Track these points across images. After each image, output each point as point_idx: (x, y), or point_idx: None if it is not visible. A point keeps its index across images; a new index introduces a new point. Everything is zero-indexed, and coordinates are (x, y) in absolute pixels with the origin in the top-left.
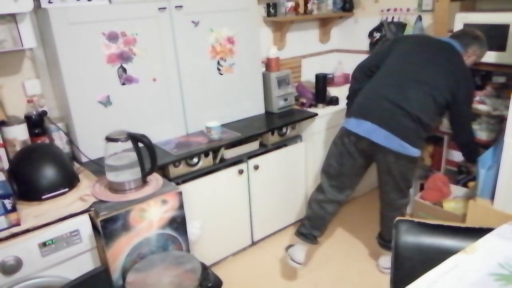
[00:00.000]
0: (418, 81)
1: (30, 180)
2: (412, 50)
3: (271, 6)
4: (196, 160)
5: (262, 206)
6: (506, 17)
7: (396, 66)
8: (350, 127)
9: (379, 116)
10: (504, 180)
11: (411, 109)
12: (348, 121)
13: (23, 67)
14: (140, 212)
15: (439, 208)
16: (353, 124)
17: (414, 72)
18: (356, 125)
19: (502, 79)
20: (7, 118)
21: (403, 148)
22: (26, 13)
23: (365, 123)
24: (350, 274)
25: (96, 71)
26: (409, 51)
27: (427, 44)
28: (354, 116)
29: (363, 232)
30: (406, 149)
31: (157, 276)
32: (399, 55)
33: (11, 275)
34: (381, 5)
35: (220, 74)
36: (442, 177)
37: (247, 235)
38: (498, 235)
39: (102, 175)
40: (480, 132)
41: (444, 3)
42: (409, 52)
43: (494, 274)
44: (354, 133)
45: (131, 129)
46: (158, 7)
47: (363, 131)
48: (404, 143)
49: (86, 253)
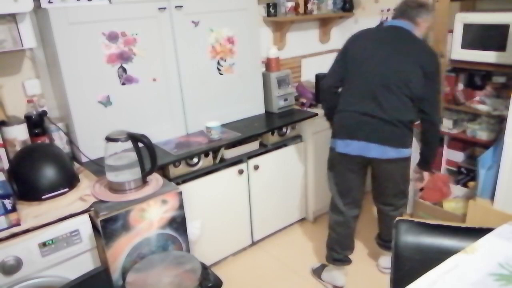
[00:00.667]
0: (386, 86)
1: (30, 180)
2: (369, 54)
3: (271, 6)
4: (196, 160)
5: (262, 206)
6: (506, 17)
7: (361, 76)
8: (340, 149)
9: (363, 133)
10: (504, 180)
11: (389, 117)
12: (336, 143)
13: (23, 67)
14: (140, 212)
15: (439, 208)
16: (341, 146)
17: (380, 76)
18: (345, 146)
19: (502, 79)
20: (7, 118)
21: (397, 153)
22: (26, 13)
23: (353, 142)
24: (350, 274)
25: (96, 71)
26: (366, 56)
27: (380, 40)
28: (340, 138)
29: (363, 232)
30: (400, 152)
31: (157, 276)
32: (359, 63)
33: (11, 275)
34: (381, 5)
35: (220, 74)
36: (442, 177)
37: (247, 235)
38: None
39: (102, 175)
40: (480, 132)
41: (444, 3)
42: (367, 57)
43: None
44: (346, 154)
45: (131, 129)
46: (158, 7)
47: (354, 150)
48: (396, 149)
49: (86, 253)
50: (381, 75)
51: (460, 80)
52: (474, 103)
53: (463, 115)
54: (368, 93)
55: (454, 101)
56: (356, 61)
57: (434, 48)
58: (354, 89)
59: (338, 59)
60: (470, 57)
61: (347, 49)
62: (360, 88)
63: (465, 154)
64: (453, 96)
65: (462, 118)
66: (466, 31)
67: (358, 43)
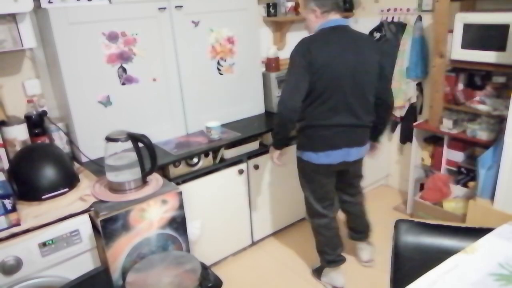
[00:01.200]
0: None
1: (30, 180)
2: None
3: (271, 6)
4: (196, 160)
5: (262, 206)
6: (506, 17)
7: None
8: (320, 161)
9: (344, 141)
10: (504, 180)
11: (363, 122)
12: (312, 156)
13: (23, 67)
14: (140, 212)
15: (439, 208)
16: (321, 157)
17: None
18: (326, 157)
19: (502, 79)
20: (7, 118)
21: (366, 148)
22: (26, 13)
23: (334, 152)
24: (349, 274)
25: (96, 71)
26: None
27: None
28: (320, 151)
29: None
30: (367, 147)
31: (157, 276)
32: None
33: (11, 275)
34: (381, 5)
35: (220, 74)
36: (442, 177)
37: (247, 235)
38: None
39: (102, 175)
40: (480, 132)
41: (444, 3)
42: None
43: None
44: (325, 164)
45: (131, 129)
46: (158, 7)
47: (336, 159)
48: (366, 146)
49: (86, 253)
50: (352, 82)
51: (460, 80)
52: (474, 103)
53: (463, 115)
54: (341, 103)
55: (454, 101)
56: (325, 74)
57: (434, 48)
58: (329, 101)
59: (300, 72)
60: (470, 57)
61: (310, 63)
62: (336, 99)
63: (465, 154)
64: (453, 96)
65: (462, 118)
66: (466, 31)
67: (320, 54)
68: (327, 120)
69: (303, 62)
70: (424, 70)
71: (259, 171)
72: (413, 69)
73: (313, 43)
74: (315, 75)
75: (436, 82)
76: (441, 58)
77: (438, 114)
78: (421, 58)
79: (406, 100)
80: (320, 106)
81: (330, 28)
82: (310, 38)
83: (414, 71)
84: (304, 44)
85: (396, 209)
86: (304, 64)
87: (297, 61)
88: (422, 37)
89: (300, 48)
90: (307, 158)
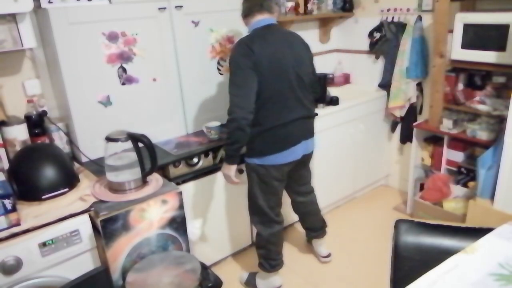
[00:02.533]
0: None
1: (30, 180)
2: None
3: None
4: (196, 160)
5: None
6: (506, 17)
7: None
8: (282, 160)
9: (302, 134)
10: (504, 180)
11: (309, 112)
12: (271, 158)
13: (23, 67)
14: (140, 212)
15: (439, 208)
16: (284, 156)
17: (296, 77)
18: (289, 154)
19: (502, 79)
20: (7, 118)
21: (315, 141)
22: (26, 13)
23: (296, 147)
24: (349, 274)
25: (96, 71)
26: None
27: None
28: (281, 150)
29: (363, 232)
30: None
31: (157, 276)
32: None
33: (11, 275)
34: (381, 5)
35: (220, 74)
36: (442, 177)
37: (247, 235)
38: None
39: (102, 175)
40: (480, 132)
41: (444, 3)
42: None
43: (494, 274)
44: (291, 161)
45: (131, 129)
46: (158, 7)
47: (298, 154)
48: (314, 137)
49: (86, 253)
50: (297, 77)
51: (460, 80)
52: (474, 103)
53: (463, 115)
54: (292, 98)
55: (454, 101)
56: (272, 70)
57: (434, 48)
58: (282, 98)
59: (246, 76)
60: (470, 57)
61: (255, 62)
62: (287, 95)
63: (465, 154)
64: (453, 96)
65: (462, 118)
66: (466, 31)
67: (262, 51)
68: (284, 118)
69: (248, 62)
70: (424, 70)
71: None
72: (413, 69)
73: (253, 43)
74: (263, 73)
75: (436, 82)
76: (441, 58)
77: (438, 114)
78: (421, 58)
79: (406, 100)
80: (274, 106)
81: (262, 27)
82: (247, 38)
83: (414, 71)
84: (244, 45)
85: (396, 209)
86: (249, 65)
87: (241, 62)
88: (422, 37)
89: (242, 50)
90: (270, 162)
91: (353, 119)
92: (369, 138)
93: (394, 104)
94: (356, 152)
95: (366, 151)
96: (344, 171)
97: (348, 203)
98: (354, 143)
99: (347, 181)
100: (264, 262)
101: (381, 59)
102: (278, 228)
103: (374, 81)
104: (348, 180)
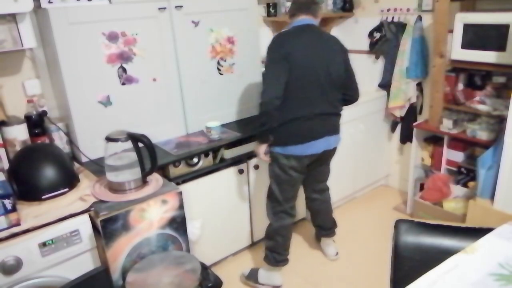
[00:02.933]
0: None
1: (30, 180)
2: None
3: (271, 6)
4: (196, 160)
5: (262, 206)
6: (506, 17)
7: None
8: (302, 152)
9: (324, 129)
10: (504, 180)
11: (335, 109)
12: (291, 149)
13: (23, 67)
14: (140, 212)
15: (439, 208)
16: (305, 148)
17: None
18: (308, 147)
19: (502, 79)
20: (7, 118)
21: (339, 139)
22: (26, 13)
23: (317, 142)
24: (349, 274)
25: (96, 71)
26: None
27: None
28: (302, 142)
29: (363, 232)
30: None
31: (157, 276)
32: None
33: (11, 275)
34: (381, 5)
35: (220, 74)
36: (442, 177)
37: (247, 235)
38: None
39: (102, 175)
40: (480, 132)
41: (444, 3)
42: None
43: (494, 274)
44: (311, 154)
45: (131, 129)
46: (158, 7)
47: (319, 148)
48: (339, 135)
49: (86, 253)
50: (326, 74)
51: (460, 80)
52: (474, 103)
53: (463, 115)
54: (318, 94)
55: (454, 101)
56: (302, 63)
57: (434, 48)
58: (308, 91)
59: (278, 66)
60: (470, 57)
61: (288, 54)
62: (314, 89)
63: (465, 154)
64: (453, 96)
65: (462, 118)
66: (466, 31)
67: (296, 45)
68: (307, 112)
69: (281, 53)
70: (424, 70)
71: (259, 171)
72: (413, 69)
73: (288, 37)
74: (293, 65)
75: (436, 82)
76: (441, 58)
77: (438, 114)
78: (421, 58)
79: (406, 100)
80: (299, 98)
81: (301, 25)
82: (285, 32)
83: (414, 71)
84: (280, 38)
85: (396, 209)
86: (282, 56)
87: (275, 53)
88: (422, 37)
89: (277, 41)
90: (290, 152)
91: (353, 119)
92: (369, 138)
93: (394, 104)
94: (356, 152)
95: (366, 151)
96: (344, 171)
97: (348, 203)
98: (354, 143)
99: (347, 181)
100: (270, 255)
101: (381, 59)
102: (289, 221)
103: (374, 81)
104: (348, 180)
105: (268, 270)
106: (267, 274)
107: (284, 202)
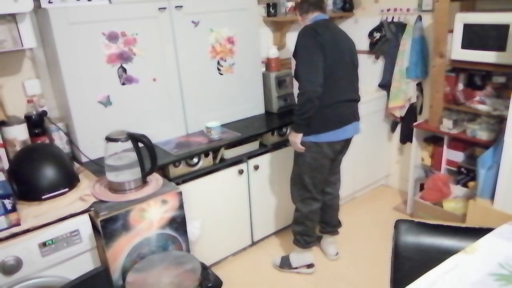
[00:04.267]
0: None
1: (30, 180)
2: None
3: (271, 6)
4: (196, 160)
5: (262, 206)
6: (506, 17)
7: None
8: (336, 138)
9: (353, 115)
10: (504, 180)
11: (358, 97)
12: (325, 136)
13: (23, 67)
14: (140, 212)
15: (439, 208)
16: (338, 134)
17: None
18: (341, 133)
19: (502, 79)
20: (7, 118)
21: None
22: (26, 13)
23: (348, 127)
24: (349, 274)
25: (96, 71)
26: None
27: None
28: (334, 128)
29: (363, 232)
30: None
31: (157, 276)
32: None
33: (11, 275)
34: (381, 5)
35: (220, 74)
36: (442, 177)
37: (247, 235)
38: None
39: (102, 175)
40: (480, 132)
41: (444, 3)
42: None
43: (494, 274)
44: (343, 139)
45: (131, 129)
46: (158, 7)
47: (350, 133)
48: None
49: (86, 253)
50: (351, 62)
51: (460, 80)
52: (474, 103)
53: (463, 115)
54: (346, 81)
55: (454, 101)
56: (334, 52)
57: (434, 48)
58: (339, 80)
59: (315, 55)
60: (470, 57)
61: (322, 43)
62: (343, 78)
63: (465, 154)
64: (453, 96)
65: (462, 118)
66: (466, 31)
67: (327, 36)
68: (338, 98)
69: (315, 42)
70: (424, 70)
71: (259, 171)
72: (413, 69)
73: (318, 27)
74: (325, 53)
75: (436, 82)
76: (441, 58)
77: (438, 114)
78: (421, 58)
79: (406, 100)
80: (331, 85)
81: (322, 19)
82: (311, 24)
83: (414, 71)
84: (310, 29)
85: (396, 209)
86: (316, 44)
87: (309, 42)
88: (422, 37)
89: (308, 32)
90: (324, 139)
91: None
92: (369, 138)
93: (394, 104)
94: (356, 152)
95: (366, 151)
96: (344, 171)
97: (348, 203)
98: (354, 143)
99: (347, 181)
100: (300, 238)
101: (381, 59)
102: (317, 206)
103: (374, 81)
104: (348, 180)
105: (300, 253)
106: (299, 256)
107: (313, 189)
